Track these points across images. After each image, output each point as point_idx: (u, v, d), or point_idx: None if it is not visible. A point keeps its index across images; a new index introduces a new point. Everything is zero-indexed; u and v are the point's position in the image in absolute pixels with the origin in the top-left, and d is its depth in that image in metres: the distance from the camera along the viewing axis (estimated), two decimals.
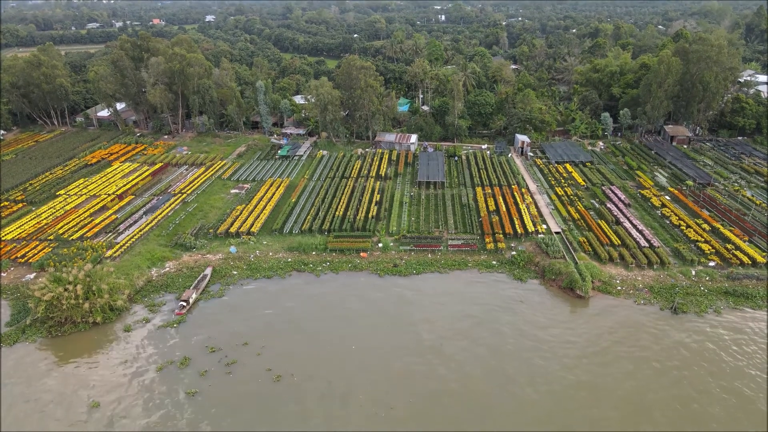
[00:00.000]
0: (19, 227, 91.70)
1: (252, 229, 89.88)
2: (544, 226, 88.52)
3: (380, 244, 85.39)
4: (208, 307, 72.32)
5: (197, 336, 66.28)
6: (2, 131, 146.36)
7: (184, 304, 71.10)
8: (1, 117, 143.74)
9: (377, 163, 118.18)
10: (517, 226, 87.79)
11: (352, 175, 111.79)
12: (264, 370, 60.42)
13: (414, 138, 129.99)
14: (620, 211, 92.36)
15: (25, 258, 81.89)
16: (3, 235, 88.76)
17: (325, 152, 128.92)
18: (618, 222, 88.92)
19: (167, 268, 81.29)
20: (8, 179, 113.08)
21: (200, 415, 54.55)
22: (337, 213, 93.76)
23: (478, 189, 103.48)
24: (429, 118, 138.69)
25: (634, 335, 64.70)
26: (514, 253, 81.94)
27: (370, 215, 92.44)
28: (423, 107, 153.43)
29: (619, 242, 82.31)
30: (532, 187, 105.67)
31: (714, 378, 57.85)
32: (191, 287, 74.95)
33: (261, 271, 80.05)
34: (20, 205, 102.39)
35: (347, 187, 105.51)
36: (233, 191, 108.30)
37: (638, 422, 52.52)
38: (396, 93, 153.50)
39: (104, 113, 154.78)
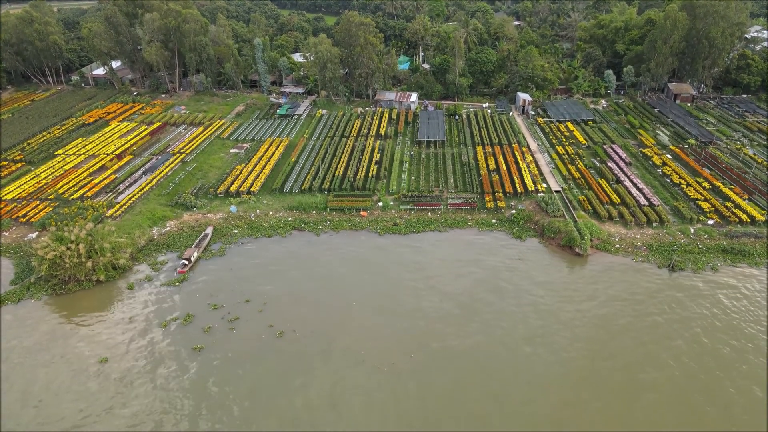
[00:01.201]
0: (18, 187, 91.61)
1: (252, 189, 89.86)
2: (544, 185, 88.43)
3: (380, 203, 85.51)
4: (210, 265, 73.02)
5: (200, 294, 67.21)
6: None
7: (186, 262, 71.76)
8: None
9: (377, 122, 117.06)
10: (517, 185, 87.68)
11: (351, 135, 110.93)
12: (266, 326, 61.51)
13: (414, 97, 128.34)
14: (621, 169, 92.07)
15: (27, 217, 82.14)
16: (3, 194, 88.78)
17: (324, 111, 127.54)
18: (618, 181, 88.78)
19: (168, 228, 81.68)
20: (6, 139, 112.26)
21: (207, 369, 55.82)
22: (337, 172, 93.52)
23: (479, 148, 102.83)
24: (429, 76, 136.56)
25: (631, 292, 65.55)
26: (513, 211, 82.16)
27: (370, 174, 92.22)
28: (424, 65, 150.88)
29: (619, 201, 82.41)
30: (533, 146, 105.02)
31: (708, 332, 58.95)
32: (193, 246, 75.49)
33: (261, 230, 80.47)
34: (19, 165, 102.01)
35: (347, 146, 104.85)
36: (232, 151, 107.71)
37: (633, 375, 53.81)
38: (396, 50, 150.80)
39: (100, 72, 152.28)
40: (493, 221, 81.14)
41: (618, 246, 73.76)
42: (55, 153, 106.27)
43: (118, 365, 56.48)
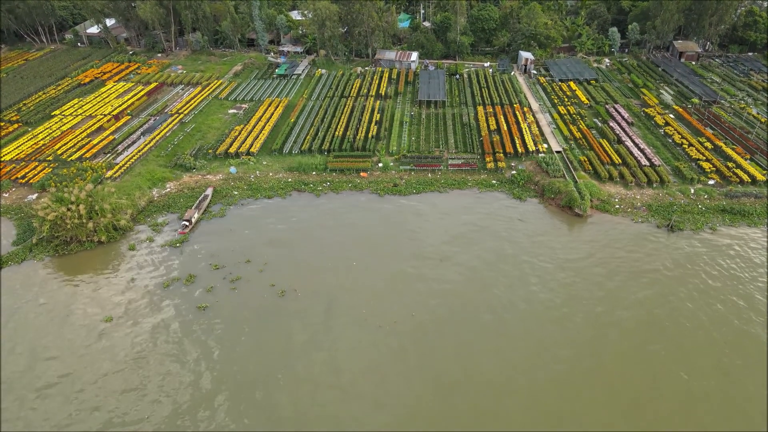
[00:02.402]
0: (16, 148, 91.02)
1: (251, 150, 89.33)
2: (545, 146, 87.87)
3: (380, 164, 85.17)
4: (210, 226, 73.31)
5: (201, 254, 67.71)
6: None
7: (187, 223, 72.01)
8: None
9: (377, 81, 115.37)
10: (517, 145, 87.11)
11: (351, 95, 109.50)
12: (268, 285, 62.21)
13: (415, 56, 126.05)
14: (623, 129, 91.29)
15: (26, 179, 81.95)
16: (1, 156, 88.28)
17: (323, 71, 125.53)
18: (620, 141, 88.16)
19: (168, 189, 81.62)
20: (1, 99, 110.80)
21: (212, 328, 56.78)
22: (336, 133, 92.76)
23: (480, 108, 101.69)
24: (430, 34, 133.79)
25: (629, 251, 66.02)
26: (514, 172, 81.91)
27: (370, 135, 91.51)
28: (424, 23, 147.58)
29: (620, 161, 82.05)
30: (535, 106, 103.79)
31: (702, 291, 59.68)
32: (193, 207, 75.61)
33: (261, 192, 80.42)
34: (16, 125, 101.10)
35: (347, 106, 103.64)
36: (231, 111, 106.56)
37: (629, 336, 54.78)
38: (396, 8, 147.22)
39: (94, 30, 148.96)
40: (494, 182, 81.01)
41: (618, 206, 73.85)
42: (52, 114, 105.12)
43: (123, 323, 57.42)
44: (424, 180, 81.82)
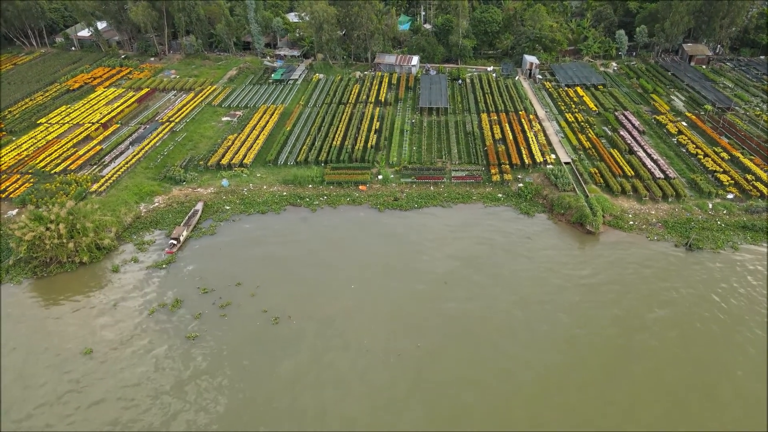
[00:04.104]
0: None
1: (245, 161, 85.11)
2: (553, 156, 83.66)
3: (380, 176, 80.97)
4: (200, 245, 69.12)
5: (189, 276, 63.53)
6: None
7: (175, 242, 67.85)
8: None
9: (377, 87, 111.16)
10: (524, 155, 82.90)
11: (350, 101, 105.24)
12: (260, 311, 58.05)
13: (415, 60, 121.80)
14: (634, 139, 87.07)
15: (6, 193, 77.76)
16: None
17: (321, 75, 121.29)
18: (631, 151, 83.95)
19: (156, 203, 77.41)
20: None
21: (200, 362, 52.57)
22: (334, 143, 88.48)
23: (483, 115, 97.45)
24: (431, 37, 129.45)
25: (645, 273, 61.82)
26: (520, 185, 77.72)
27: (369, 145, 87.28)
28: (425, 25, 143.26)
29: (633, 173, 77.81)
30: (541, 113, 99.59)
31: (719, 319, 55.50)
32: (182, 224, 71.45)
33: (255, 206, 76.23)
34: (0, 134, 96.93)
35: (345, 114, 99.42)
36: (224, 119, 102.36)
37: (642, 364, 50.66)
38: (396, 10, 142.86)
39: (85, 33, 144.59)
40: (500, 195, 76.81)
41: (632, 223, 69.64)
42: (38, 122, 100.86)
43: (105, 356, 53.10)
44: (426, 193, 77.61)
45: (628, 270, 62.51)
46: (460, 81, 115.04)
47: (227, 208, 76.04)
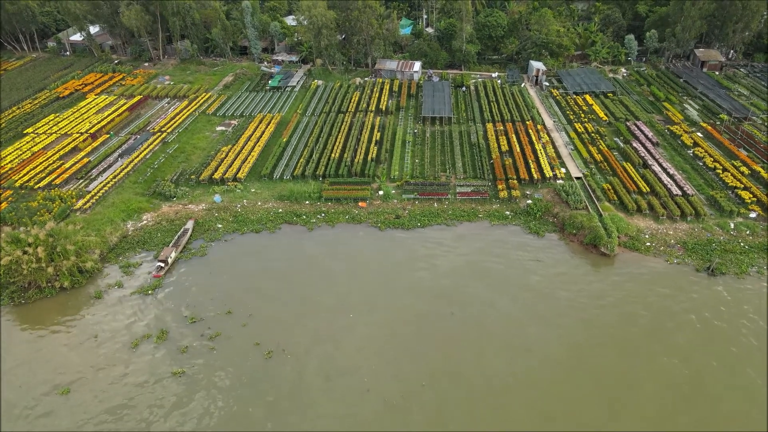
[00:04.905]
0: None
1: (239, 175, 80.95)
2: (563, 170, 79.39)
3: (381, 192, 76.76)
4: (189, 267, 64.94)
5: (176, 304, 59.35)
6: None
7: (162, 265, 63.74)
8: None
9: (377, 94, 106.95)
10: (533, 169, 78.69)
11: (349, 110, 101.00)
12: (252, 344, 53.89)
13: (417, 66, 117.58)
14: (648, 151, 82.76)
15: None
16: None
17: (320, 82, 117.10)
18: (645, 164, 79.69)
19: (144, 221, 73.27)
20: None
21: (186, 403, 48.42)
22: (333, 155, 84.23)
23: (489, 125, 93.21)
24: (434, 42, 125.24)
25: (665, 300, 57.56)
26: (529, 202, 73.49)
27: (369, 157, 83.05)
28: (427, 29, 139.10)
29: (648, 189, 73.51)
30: (549, 123, 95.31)
31: (740, 356, 51.27)
32: (170, 244, 67.31)
33: (248, 224, 72.04)
34: None
35: (344, 123, 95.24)
36: (219, 128, 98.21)
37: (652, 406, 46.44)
38: (397, 13, 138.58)
39: (78, 38, 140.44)
40: (507, 213, 72.57)
41: (649, 244, 65.38)
42: (24, 132, 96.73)
43: (83, 399, 48.90)
44: (430, 211, 73.41)
45: (646, 296, 58.26)
46: (464, 88, 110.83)
47: (219, 226, 71.87)
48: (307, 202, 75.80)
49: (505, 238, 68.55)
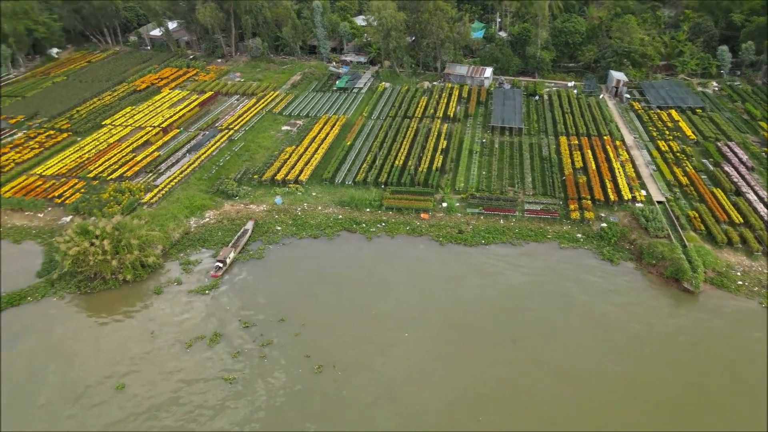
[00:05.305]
0: (60, 161, 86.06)
1: (301, 177, 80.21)
2: (643, 193, 73.64)
3: (444, 204, 73.86)
4: (246, 269, 64.60)
5: (231, 306, 59.03)
6: (57, 49, 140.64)
7: (220, 265, 63.68)
8: (54, 34, 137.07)
9: (445, 100, 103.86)
10: (609, 190, 73.48)
11: (416, 115, 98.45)
12: (303, 356, 52.63)
13: (488, 72, 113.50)
14: (741, 176, 75.53)
15: (62, 198, 76.39)
16: (44, 170, 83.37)
17: (387, 85, 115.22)
18: (738, 192, 72.70)
19: (207, 219, 73.79)
20: (56, 105, 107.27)
21: (234, 415, 47.66)
22: (396, 162, 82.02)
23: (562, 139, 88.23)
24: (506, 47, 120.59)
25: (756, 348, 51.68)
26: (604, 225, 68.51)
27: (434, 167, 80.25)
28: (500, 33, 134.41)
29: (741, 220, 66.77)
30: (629, 139, 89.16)
31: None
32: (230, 245, 67.25)
33: (307, 229, 71.02)
34: (66, 134, 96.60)
35: (410, 129, 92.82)
36: (284, 128, 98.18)
37: None
38: (469, 16, 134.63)
39: (157, 33, 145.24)
40: (579, 236, 67.96)
41: (740, 283, 59.20)
42: (102, 123, 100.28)
43: (138, 396, 49.07)
44: (495, 227, 69.83)
45: (732, 341, 52.58)
46: (536, 97, 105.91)
47: (278, 229, 71.28)
48: (367, 209, 74.00)
49: (574, 262, 64.11)
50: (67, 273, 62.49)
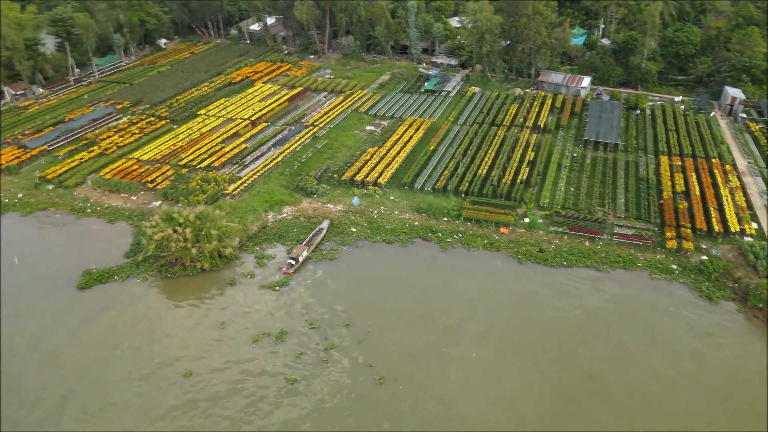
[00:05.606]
0: (156, 147, 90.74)
1: (380, 180, 79.30)
2: (754, 226, 66.16)
3: (526, 219, 70.15)
4: (318, 269, 64.51)
5: (299, 305, 59.10)
6: (165, 40, 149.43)
7: (293, 262, 64.02)
8: (164, 25, 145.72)
9: (537, 109, 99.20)
10: (713, 219, 66.63)
11: (504, 123, 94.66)
12: (365, 365, 51.55)
13: (586, 81, 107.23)
14: None
15: (154, 183, 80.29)
16: (141, 154, 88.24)
17: (477, 89, 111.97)
18: None
19: (284, 214, 74.68)
20: (158, 93, 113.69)
21: (292, 416, 47.52)
22: (479, 171, 79.07)
23: (663, 158, 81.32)
24: (608, 56, 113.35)
25: None
26: (704, 258, 62.07)
27: (519, 179, 76.59)
28: (602, 40, 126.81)
29: None
30: (741, 164, 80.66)
31: None
32: (304, 242, 67.51)
33: (382, 233, 69.93)
34: (164, 122, 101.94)
35: (497, 137, 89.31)
36: (368, 128, 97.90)
37: None
38: (571, 21, 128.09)
39: (256, 27, 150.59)
40: (673, 267, 61.99)
41: None
42: (198, 113, 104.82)
43: (203, 384, 50.17)
44: (579, 249, 65.31)
45: None
46: (637, 111, 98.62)
47: (353, 230, 70.76)
48: (444, 218, 71.78)
49: (667, 296, 58.47)
50: (151, 256, 65.22)
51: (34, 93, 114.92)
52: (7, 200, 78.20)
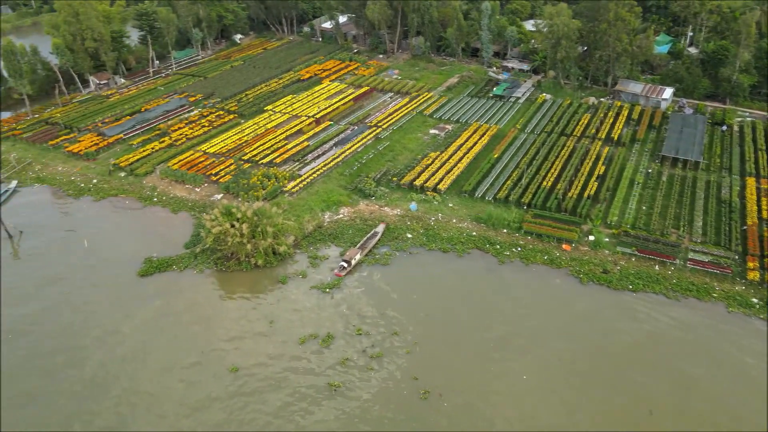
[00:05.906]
0: (223, 141, 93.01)
1: (440, 186, 77.47)
2: None
3: (591, 237, 66.32)
4: (370, 274, 63.71)
5: (348, 309, 58.50)
6: (240, 35, 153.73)
7: (345, 265, 63.52)
8: (240, 21, 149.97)
9: (611, 119, 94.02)
10: None
11: (574, 134, 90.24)
12: (410, 377, 50.22)
13: (668, 93, 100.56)
14: None
15: (217, 176, 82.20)
16: (208, 147, 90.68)
17: (548, 96, 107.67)
18: None
19: (341, 215, 74.41)
20: (229, 87, 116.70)
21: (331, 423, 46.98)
22: (544, 183, 75.65)
23: (750, 180, 74.78)
24: (695, 66, 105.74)
25: None
26: None
27: (586, 194, 72.63)
28: (689, 49, 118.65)
29: None
30: None
31: None
32: (358, 245, 66.89)
33: (438, 241, 68.16)
34: (232, 116, 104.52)
35: (565, 148, 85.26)
36: (432, 131, 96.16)
37: None
38: (655, 28, 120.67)
39: (327, 25, 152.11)
40: (754, 301, 56.56)
41: None
42: (265, 108, 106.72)
43: (249, 380, 50.57)
44: (647, 273, 60.89)
45: None
46: (724, 127, 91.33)
47: (409, 236, 69.40)
48: (504, 230, 69.07)
49: (743, 330, 53.43)
50: (208, 249, 66.64)
51: (117, 83, 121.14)
52: (83, 185, 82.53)
